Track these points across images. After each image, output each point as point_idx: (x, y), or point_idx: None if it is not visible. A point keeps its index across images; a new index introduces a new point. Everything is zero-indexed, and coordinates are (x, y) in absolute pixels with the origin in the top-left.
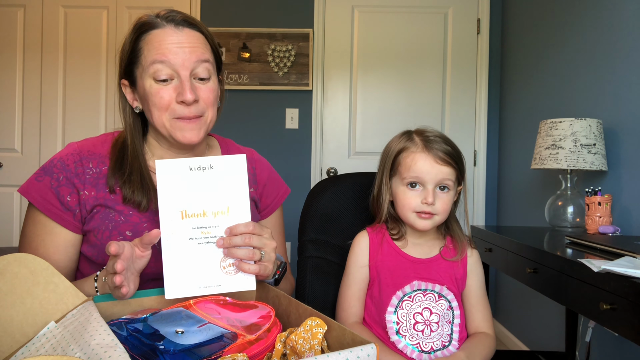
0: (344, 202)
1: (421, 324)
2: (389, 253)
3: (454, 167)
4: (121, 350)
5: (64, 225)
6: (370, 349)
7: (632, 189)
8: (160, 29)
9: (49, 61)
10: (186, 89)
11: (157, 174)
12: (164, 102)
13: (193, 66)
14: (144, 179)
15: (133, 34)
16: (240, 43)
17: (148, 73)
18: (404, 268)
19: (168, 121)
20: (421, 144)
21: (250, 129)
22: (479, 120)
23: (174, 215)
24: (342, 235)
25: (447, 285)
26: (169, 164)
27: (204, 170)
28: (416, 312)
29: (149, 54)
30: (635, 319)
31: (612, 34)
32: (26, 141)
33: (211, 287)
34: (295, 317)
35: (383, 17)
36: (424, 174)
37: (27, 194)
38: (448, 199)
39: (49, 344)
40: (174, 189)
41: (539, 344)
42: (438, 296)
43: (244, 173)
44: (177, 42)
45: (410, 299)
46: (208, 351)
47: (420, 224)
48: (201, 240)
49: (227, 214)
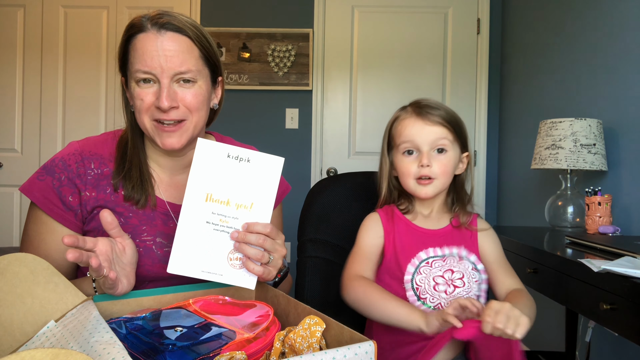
0: (343, 201)
1: (442, 284)
2: (400, 227)
3: (447, 128)
4: (120, 347)
5: (66, 224)
6: (368, 346)
7: (632, 189)
8: (144, 34)
9: (49, 61)
10: (162, 95)
11: (196, 152)
12: (144, 105)
13: (173, 72)
14: (143, 175)
15: (124, 35)
16: (240, 43)
17: (133, 77)
18: (418, 238)
19: (149, 124)
20: (412, 110)
21: (250, 129)
22: (479, 120)
23: (199, 195)
24: (342, 235)
25: (466, 246)
26: (210, 145)
27: (240, 161)
28: (437, 275)
29: (133, 60)
30: (635, 319)
31: (612, 34)
32: (26, 141)
33: (213, 274)
34: (294, 316)
35: (383, 17)
36: (415, 137)
37: (29, 192)
38: (446, 161)
39: (49, 342)
40: (207, 170)
41: (539, 344)
42: (459, 258)
43: (278, 176)
44: (156, 49)
45: (429, 264)
46: (206, 349)
47: (422, 191)
48: (217, 227)
49: (249, 210)
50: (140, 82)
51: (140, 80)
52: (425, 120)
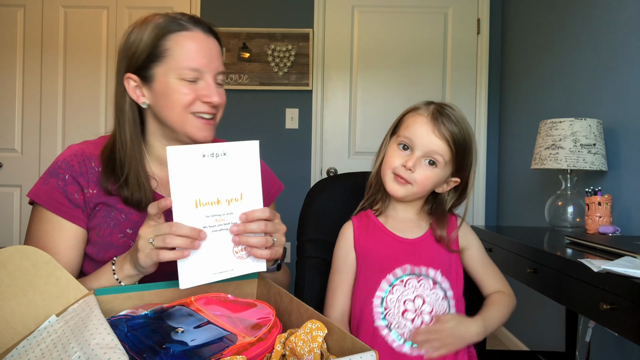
0: (343, 201)
1: (411, 312)
2: (376, 234)
3: (449, 147)
4: (121, 352)
5: (74, 221)
6: (370, 356)
7: (632, 189)
8: (191, 32)
9: (49, 61)
10: (214, 91)
11: (169, 162)
12: (187, 99)
13: (217, 71)
14: (140, 178)
15: (156, 31)
16: (240, 43)
17: (175, 72)
18: (393, 249)
19: (186, 117)
20: (432, 111)
21: (250, 129)
22: (479, 120)
23: (187, 204)
24: None
25: (442, 269)
26: (181, 150)
27: (217, 157)
28: (407, 299)
29: (181, 56)
30: (635, 319)
31: (612, 34)
32: (26, 141)
33: (225, 272)
34: (296, 317)
35: (383, 17)
36: (415, 137)
37: (35, 196)
38: (431, 175)
39: (50, 338)
40: (187, 177)
41: (539, 344)
42: (433, 283)
43: (257, 159)
44: (208, 48)
45: (402, 283)
46: (208, 352)
47: (392, 187)
48: (215, 227)
49: (241, 201)
50: (185, 80)
51: (186, 76)
52: (434, 128)
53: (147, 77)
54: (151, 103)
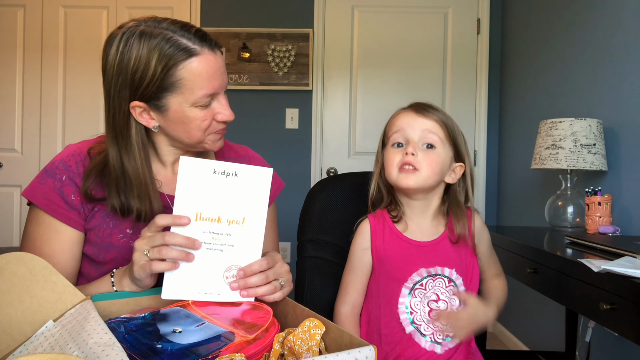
0: (343, 201)
1: (435, 310)
2: (392, 240)
3: (439, 124)
4: (119, 349)
5: (70, 224)
6: (369, 351)
7: (632, 189)
8: (201, 56)
9: (49, 61)
10: (228, 110)
11: (180, 171)
12: (205, 124)
13: (225, 88)
14: (148, 188)
15: (164, 61)
16: (240, 43)
17: (191, 102)
18: (410, 254)
19: (203, 139)
20: (412, 105)
21: (250, 129)
22: (479, 120)
23: (188, 215)
24: (342, 235)
25: (457, 268)
26: (194, 162)
27: (227, 176)
28: (430, 300)
29: (196, 86)
30: (635, 319)
31: (612, 34)
32: (26, 141)
33: (210, 294)
34: (292, 318)
35: (383, 17)
36: (406, 127)
37: (31, 197)
38: (434, 156)
39: (47, 342)
40: (194, 189)
41: (539, 344)
42: (448, 281)
43: (268, 187)
44: (219, 68)
45: (422, 286)
46: (205, 350)
47: (403, 180)
48: (210, 245)
49: (242, 225)
50: (199, 105)
51: (202, 103)
52: (419, 114)
53: (159, 106)
54: (163, 125)
